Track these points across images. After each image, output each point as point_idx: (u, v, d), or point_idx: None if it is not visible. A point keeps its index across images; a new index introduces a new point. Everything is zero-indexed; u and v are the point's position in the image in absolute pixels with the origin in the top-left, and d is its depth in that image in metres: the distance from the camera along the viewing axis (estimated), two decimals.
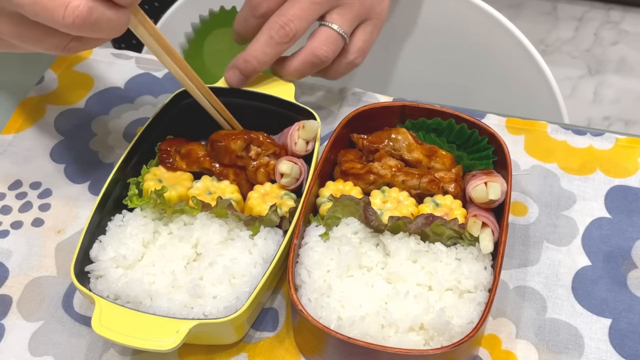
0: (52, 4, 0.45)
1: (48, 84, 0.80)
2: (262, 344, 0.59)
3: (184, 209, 0.60)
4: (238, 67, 0.65)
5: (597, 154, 0.71)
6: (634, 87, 2.09)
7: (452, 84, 0.95)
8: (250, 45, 0.65)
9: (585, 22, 2.29)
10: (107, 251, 0.58)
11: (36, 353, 0.58)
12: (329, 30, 0.65)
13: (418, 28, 0.93)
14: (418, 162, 0.64)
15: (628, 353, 0.58)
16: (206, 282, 0.56)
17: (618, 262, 0.63)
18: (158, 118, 0.66)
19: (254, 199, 0.61)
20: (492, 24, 0.87)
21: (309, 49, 0.65)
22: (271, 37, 0.64)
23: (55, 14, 0.45)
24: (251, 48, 0.65)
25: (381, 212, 0.60)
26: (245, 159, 0.63)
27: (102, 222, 0.60)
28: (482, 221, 0.58)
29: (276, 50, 0.64)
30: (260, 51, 0.64)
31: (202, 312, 0.54)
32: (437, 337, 0.53)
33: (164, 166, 0.64)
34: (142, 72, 0.81)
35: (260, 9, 0.65)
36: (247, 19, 0.66)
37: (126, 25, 0.49)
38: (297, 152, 0.64)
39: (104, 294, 0.56)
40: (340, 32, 0.65)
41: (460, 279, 0.55)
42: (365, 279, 0.56)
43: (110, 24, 0.48)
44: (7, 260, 0.65)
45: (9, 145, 0.74)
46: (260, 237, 0.59)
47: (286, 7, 0.64)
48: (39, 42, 0.48)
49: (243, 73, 0.65)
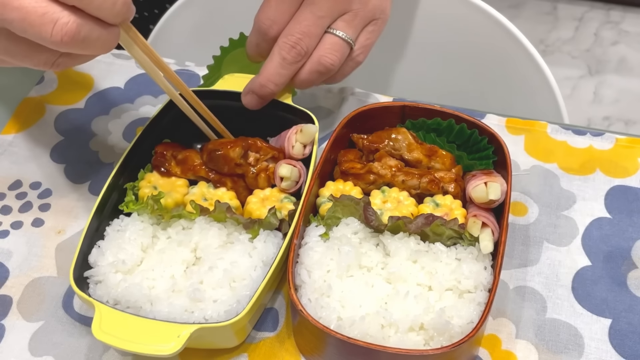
0: (39, 20, 0.44)
1: (48, 84, 0.80)
2: (262, 344, 0.59)
3: (181, 214, 0.60)
4: (255, 91, 0.65)
5: (597, 154, 0.71)
6: (634, 87, 2.09)
7: (452, 84, 0.95)
8: (265, 69, 0.64)
9: (585, 22, 2.29)
10: (106, 256, 0.58)
11: (36, 353, 0.58)
12: (334, 38, 0.65)
13: (418, 28, 0.93)
14: (418, 161, 0.64)
15: (628, 353, 0.58)
16: (206, 286, 0.56)
17: (618, 262, 0.63)
18: (156, 120, 0.66)
19: (253, 203, 0.61)
20: (492, 24, 0.87)
21: (315, 58, 0.65)
22: (284, 58, 0.64)
23: (43, 30, 0.44)
24: (266, 72, 0.64)
25: (381, 212, 0.60)
26: (244, 166, 0.63)
27: (101, 227, 0.60)
28: (482, 221, 0.58)
29: (290, 70, 0.64)
30: (275, 74, 0.64)
31: (203, 316, 0.54)
32: (437, 337, 0.53)
33: (157, 171, 0.63)
34: (142, 72, 0.81)
35: (270, 32, 0.64)
36: (259, 44, 0.66)
37: (116, 42, 0.49)
38: (294, 156, 0.63)
39: (104, 299, 0.56)
40: (346, 39, 0.65)
41: (460, 279, 0.55)
42: (365, 279, 0.56)
43: (100, 42, 0.47)
44: (7, 260, 0.65)
45: (9, 145, 0.74)
46: (260, 240, 0.58)
47: (293, 25, 0.64)
48: (27, 57, 0.48)
49: (260, 97, 0.65)
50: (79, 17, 0.45)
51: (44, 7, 0.44)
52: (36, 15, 0.44)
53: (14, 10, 0.44)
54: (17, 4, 0.44)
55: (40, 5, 0.44)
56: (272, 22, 0.64)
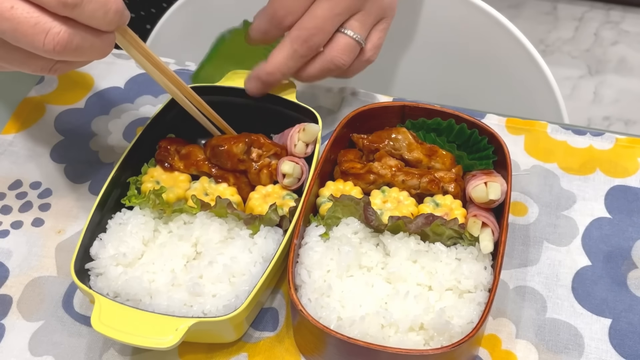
0: (31, 30, 0.44)
1: (48, 84, 0.80)
2: (262, 344, 0.59)
3: (183, 208, 0.60)
4: (261, 78, 0.65)
5: (597, 154, 0.71)
6: (634, 87, 2.09)
7: (452, 84, 0.95)
8: (274, 57, 0.64)
9: (585, 22, 2.29)
10: (108, 249, 0.58)
11: (36, 353, 0.58)
12: (346, 39, 0.65)
13: (418, 28, 0.93)
14: (418, 161, 0.64)
15: (628, 353, 0.58)
16: (206, 280, 0.56)
17: (618, 262, 0.63)
18: (158, 118, 0.66)
19: (255, 199, 0.61)
20: (492, 24, 0.87)
21: (327, 57, 0.65)
22: (295, 50, 0.63)
23: (35, 40, 0.45)
24: (275, 60, 0.64)
25: (381, 212, 0.60)
26: (247, 162, 0.63)
27: (103, 220, 0.61)
28: (482, 221, 0.58)
29: (299, 63, 0.64)
30: (284, 64, 0.64)
31: (202, 311, 0.54)
32: (437, 337, 0.53)
33: (161, 166, 0.64)
34: (142, 72, 0.81)
35: (285, 22, 0.64)
36: (268, 31, 0.65)
37: (111, 48, 0.49)
38: (296, 154, 0.64)
39: (104, 291, 0.56)
40: (357, 39, 0.65)
41: (460, 279, 0.55)
42: (365, 279, 0.56)
43: (94, 49, 0.47)
44: (7, 260, 0.65)
45: (9, 145, 0.74)
46: (260, 236, 0.59)
47: (307, 19, 0.63)
48: (23, 64, 0.48)
49: (265, 84, 0.65)
50: (70, 27, 0.45)
51: (36, 17, 0.44)
52: (28, 26, 0.44)
53: (6, 20, 0.44)
54: (8, 14, 0.44)
55: (32, 15, 0.44)
56: (288, 12, 0.63)
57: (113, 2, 0.46)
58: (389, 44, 0.94)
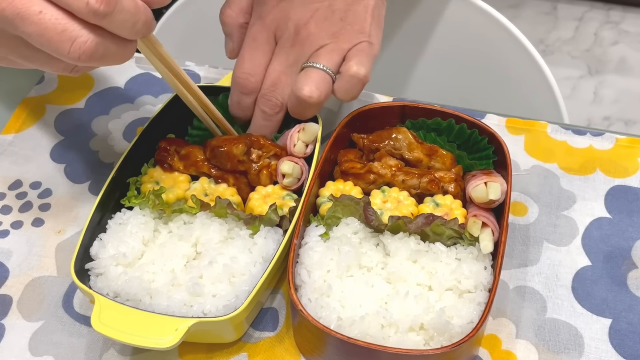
0: (58, 37, 0.44)
1: (48, 84, 0.80)
2: (262, 344, 0.59)
3: (182, 208, 0.60)
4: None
5: (597, 154, 0.71)
6: (634, 87, 2.09)
7: (452, 84, 0.95)
8: (252, 124, 0.66)
9: (585, 22, 2.29)
10: (108, 249, 0.58)
11: (36, 353, 0.58)
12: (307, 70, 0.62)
13: (418, 28, 0.93)
14: (418, 161, 0.64)
15: (628, 353, 0.58)
16: (206, 280, 0.56)
17: (618, 262, 0.63)
18: (158, 118, 0.66)
19: (255, 199, 0.61)
20: (492, 24, 0.88)
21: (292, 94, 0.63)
22: (264, 112, 0.65)
23: (61, 47, 0.44)
24: (253, 127, 0.66)
25: (381, 211, 0.60)
26: (246, 162, 0.63)
27: (103, 220, 0.61)
28: (482, 221, 0.58)
29: (275, 119, 0.65)
30: (262, 127, 0.65)
31: (202, 311, 0.54)
32: (437, 337, 0.53)
33: (160, 166, 0.64)
34: (142, 72, 0.81)
35: (248, 85, 0.65)
36: (240, 101, 0.66)
37: (132, 54, 0.49)
38: (296, 154, 0.64)
39: (104, 291, 0.56)
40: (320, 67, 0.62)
41: (460, 279, 0.55)
42: (365, 279, 0.56)
43: (117, 56, 0.47)
44: (7, 260, 0.65)
45: (9, 145, 0.74)
46: (260, 236, 0.59)
47: (266, 78, 0.64)
48: (45, 64, 0.48)
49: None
50: (97, 36, 0.45)
51: (64, 24, 0.44)
52: (55, 32, 0.44)
53: (33, 24, 0.44)
54: (36, 18, 0.43)
55: (60, 22, 0.44)
56: (249, 74, 0.64)
57: (142, 13, 0.46)
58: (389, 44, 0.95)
